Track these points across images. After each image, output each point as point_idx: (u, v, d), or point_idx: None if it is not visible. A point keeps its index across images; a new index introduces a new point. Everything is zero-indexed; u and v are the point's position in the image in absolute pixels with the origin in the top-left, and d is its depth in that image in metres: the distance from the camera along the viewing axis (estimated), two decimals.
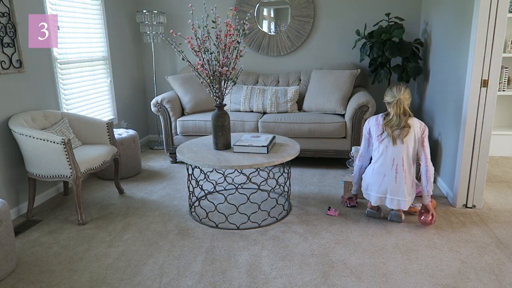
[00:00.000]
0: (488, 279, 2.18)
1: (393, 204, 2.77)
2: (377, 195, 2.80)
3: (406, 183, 2.73)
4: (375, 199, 2.81)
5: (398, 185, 2.73)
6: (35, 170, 2.91)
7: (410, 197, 2.76)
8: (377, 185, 2.78)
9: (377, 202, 2.82)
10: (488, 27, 2.72)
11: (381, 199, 2.80)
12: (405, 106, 2.74)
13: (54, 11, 3.49)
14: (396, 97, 2.73)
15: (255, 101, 4.27)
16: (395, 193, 2.74)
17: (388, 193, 2.76)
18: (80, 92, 3.89)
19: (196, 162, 2.71)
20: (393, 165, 2.74)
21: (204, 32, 2.79)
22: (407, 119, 2.73)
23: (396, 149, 2.74)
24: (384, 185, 2.76)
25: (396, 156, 2.73)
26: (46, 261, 2.45)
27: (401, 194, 2.73)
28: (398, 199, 2.74)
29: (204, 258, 2.44)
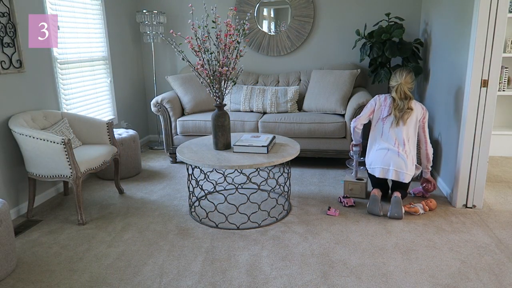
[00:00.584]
0: (488, 279, 2.18)
1: (394, 176, 2.94)
2: (381, 166, 2.98)
3: (408, 159, 2.94)
4: (379, 171, 2.99)
5: (400, 159, 2.94)
6: (35, 170, 2.91)
7: (411, 172, 2.96)
8: (381, 158, 2.99)
9: (381, 174, 2.98)
10: (488, 27, 2.72)
11: (384, 171, 2.97)
12: (406, 90, 2.97)
13: (54, 11, 3.49)
14: (398, 81, 2.99)
15: (255, 101, 4.27)
16: (397, 165, 2.94)
17: (391, 165, 2.95)
18: (80, 92, 3.89)
19: (196, 162, 2.71)
20: (395, 143, 2.99)
21: (204, 32, 2.79)
22: (409, 102, 2.96)
23: (398, 130, 2.99)
24: (387, 159, 2.97)
25: (398, 136, 2.98)
26: (46, 261, 2.45)
27: (403, 167, 2.93)
28: (399, 171, 2.93)
29: (204, 258, 2.44)
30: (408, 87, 2.99)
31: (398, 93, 2.97)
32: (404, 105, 2.96)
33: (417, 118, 3.00)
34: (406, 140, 2.98)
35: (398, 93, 2.97)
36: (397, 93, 2.97)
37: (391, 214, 2.90)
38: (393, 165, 2.94)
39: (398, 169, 2.93)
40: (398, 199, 2.88)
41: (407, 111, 2.96)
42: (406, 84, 2.98)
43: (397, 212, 2.88)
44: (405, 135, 2.98)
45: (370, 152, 3.11)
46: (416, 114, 3.00)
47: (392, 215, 2.89)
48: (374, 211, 2.96)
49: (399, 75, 3.00)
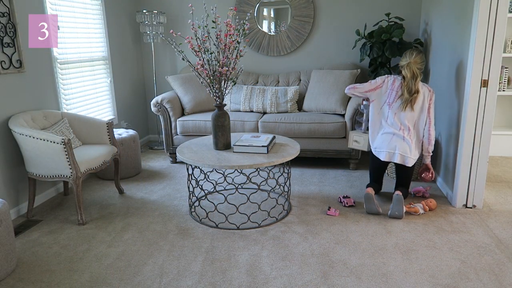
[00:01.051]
0: (488, 279, 2.18)
1: (399, 159, 2.96)
2: (386, 150, 3.00)
3: (413, 144, 2.99)
4: (385, 154, 3.01)
5: (405, 143, 2.97)
6: (35, 170, 2.91)
7: (415, 157, 2.99)
8: (387, 142, 3.01)
9: (386, 157, 3.00)
10: (488, 27, 2.72)
11: (389, 155, 2.99)
12: (415, 69, 2.94)
13: (54, 11, 3.49)
14: (408, 60, 2.98)
15: (255, 101, 4.27)
16: (402, 149, 2.96)
17: (396, 149, 2.97)
18: (80, 92, 3.89)
19: (196, 162, 2.71)
20: (400, 128, 3.01)
21: (204, 32, 2.79)
22: (416, 83, 2.94)
23: (403, 115, 3.00)
24: (393, 143, 2.99)
25: (402, 121, 3.00)
26: (46, 261, 2.45)
27: (408, 151, 2.96)
28: (404, 155, 2.95)
29: (204, 258, 2.44)
30: (417, 67, 2.96)
31: (409, 71, 2.94)
32: (412, 87, 2.93)
33: (423, 101, 2.98)
34: (411, 125, 2.99)
35: (409, 71, 2.94)
36: (408, 71, 2.94)
37: (391, 213, 2.90)
38: (399, 149, 2.96)
39: (403, 153, 2.95)
40: (400, 197, 2.88)
41: (414, 95, 2.94)
42: (416, 64, 2.96)
43: (398, 210, 2.88)
44: (410, 121, 2.99)
45: (376, 137, 3.12)
46: (423, 97, 2.98)
47: (393, 213, 2.89)
48: (372, 210, 2.96)
49: (409, 54, 2.99)
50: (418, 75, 2.95)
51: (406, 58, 3.00)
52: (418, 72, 2.95)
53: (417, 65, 2.96)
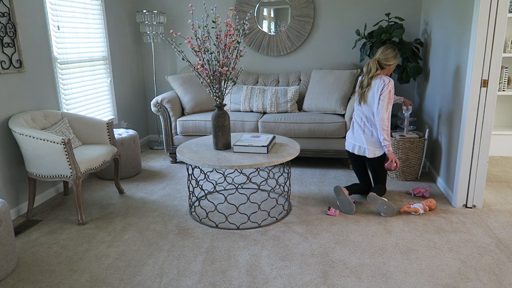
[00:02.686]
0: (488, 279, 2.18)
1: (360, 151, 3.08)
2: (350, 142, 3.16)
3: (373, 136, 3.03)
4: (349, 146, 3.17)
5: (364, 134, 3.06)
6: (35, 170, 2.91)
7: (373, 148, 3.04)
8: (351, 134, 3.17)
9: (350, 148, 3.17)
10: (488, 27, 2.72)
11: (352, 146, 3.14)
12: (371, 64, 2.98)
13: (54, 11, 3.49)
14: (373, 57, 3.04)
15: (255, 101, 4.27)
16: (360, 141, 3.07)
17: (356, 140, 3.10)
18: (80, 92, 3.89)
19: (196, 162, 2.71)
20: (361, 120, 3.08)
21: (204, 32, 2.79)
22: (368, 77, 2.99)
23: (361, 108, 3.07)
24: (355, 135, 3.12)
25: (362, 114, 3.07)
26: (46, 261, 2.45)
27: (365, 142, 3.04)
28: (363, 146, 3.06)
29: (204, 258, 2.44)
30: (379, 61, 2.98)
31: (366, 67, 3.03)
32: (365, 80, 3.00)
33: (375, 93, 2.97)
34: (369, 117, 3.03)
35: (366, 66, 3.03)
36: (365, 67, 3.04)
37: (379, 211, 2.96)
38: (358, 141, 3.08)
39: (361, 144, 3.06)
40: (372, 196, 2.96)
41: (366, 88, 3.00)
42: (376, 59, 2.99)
43: (381, 209, 2.93)
44: (367, 113, 3.03)
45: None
46: (376, 88, 2.96)
47: (381, 211, 2.95)
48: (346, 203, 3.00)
49: (378, 50, 3.05)
50: (372, 69, 2.98)
51: (376, 53, 3.08)
52: (373, 66, 2.97)
53: (378, 61, 2.98)
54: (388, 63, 2.99)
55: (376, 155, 3.03)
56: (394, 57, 2.99)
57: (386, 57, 2.98)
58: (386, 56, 2.98)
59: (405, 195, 3.33)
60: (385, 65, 2.99)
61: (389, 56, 2.98)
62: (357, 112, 3.12)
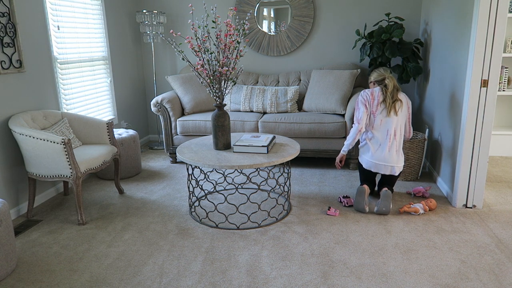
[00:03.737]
0: (488, 279, 2.18)
1: (386, 170, 3.01)
2: (370, 160, 3.04)
3: (397, 152, 3.01)
4: (368, 163, 3.06)
5: (390, 153, 3.00)
6: (35, 170, 2.91)
7: (402, 164, 3.04)
8: (372, 152, 3.05)
9: (369, 166, 3.06)
10: (488, 27, 2.72)
11: (375, 165, 3.03)
12: (395, 83, 3.01)
13: (54, 11, 3.49)
14: (385, 75, 3.04)
15: (255, 101, 4.27)
16: (389, 160, 3.00)
17: (382, 160, 3.01)
18: (80, 92, 3.89)
19: (196, 162, 2.71)
20: (387, 135, 3.00)
21: (204, 32, 2.79)
22: (397, 93, 3.00)
23: (390, 120, 2.99)
24: (378, 153, 3.02)
25: (390, 127, 2.99)
26: (46, 261, 2.45)
27: (397, 161, 3.00)
28: (391, 166, 3.00)
29: (204, 258, 2.44)
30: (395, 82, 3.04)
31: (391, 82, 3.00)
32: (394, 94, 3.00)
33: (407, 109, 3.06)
34: (397, 131, 3.01)
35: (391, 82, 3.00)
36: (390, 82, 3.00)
37: (378, 208, 2.93)
38: (384, 161, 3.01)
39: (388, 164, 3.01)
40: (388, 193, 2.93)
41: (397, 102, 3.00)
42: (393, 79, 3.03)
43: (385, 206, 2.92)
44: (397, 126, 3.01)
45: (362, 144, 3.16)
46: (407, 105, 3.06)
47: (380, 210, 2.93)
48: (360, 206, 2.99)
49: (384, 70, 3.08)
50: (399, 88, 3.02)
51: (381, 72, 3.07)
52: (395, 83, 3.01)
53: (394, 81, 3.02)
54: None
55: (400, 171, 3.06)
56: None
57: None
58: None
59: (405, 195, 3.33)
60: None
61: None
62: (380, 125, 3.01)
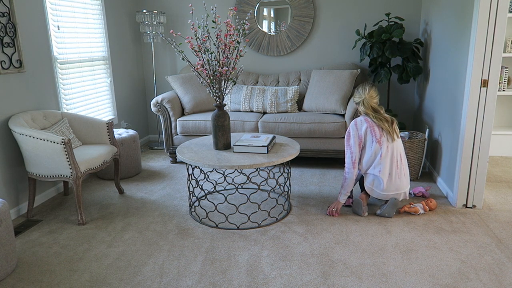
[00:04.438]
0: (488, 279, 2.18)
1: (400, 197, 2.92)
2: (383, 193, 2.89)
3: (405, 175, 2.92)
4: (381, 196, 2.92)
5: (401, 179, 2.89)
6: (35, 170, 2.91)
7: (409, 185, 2.99)
8: (383, 186, 2.87)
9: (382, 197, 2.93)
10: (488, 27, 2.72)
11: (390, 197, 2.91)
12: (372, 104, 2.88)
13: (54, 11, 3.49)
14: (362, 96, 2.90)
15: (255, 101, 4.27)
16: (400, 187, 2.90)
17: (395, 190, 2.89)
18: (80, 92, 3.89)
19: (196, 162, 2.71)
20: (393, 162, 2.87)
21: (204, 32, 2.79)
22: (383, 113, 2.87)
23: (394, 145, 2.87)
24: (390, 185, 2.87)
25: (395, 151, 2.87)
26: (46, 261, 2.45)
27: (405, 187, 2.92)
28: (404, 192, 2.93)
29: (204, 258, 2.44)
30: (374, 101, 2.89)
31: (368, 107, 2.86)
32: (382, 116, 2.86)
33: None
34: (402, 153, 2.92)
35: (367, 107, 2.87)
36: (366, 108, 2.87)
37: (382, 212, 2.93)
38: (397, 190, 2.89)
39: (402, 191, 2.91)
40: (397, 202, 2.91)
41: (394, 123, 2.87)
42: (371, 99, 2.88)
43: (389, 212, 2.91)
44: (401, 148, 2.92)
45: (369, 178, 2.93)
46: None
47: (383, 214, 2.92)
48: (358, 213, 2.99)
49: (362, 89, 2.91)
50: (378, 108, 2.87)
51: (359, 94, 2.91)
52: (376, 106, 2.87)
53: (373, 100, 2.88)
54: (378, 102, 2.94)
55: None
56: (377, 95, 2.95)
57: (376, 95, 2.93)
58: (376, 93, 2.93)
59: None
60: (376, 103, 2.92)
61: (377, 93, 2.93)
62: (389, 152, 2.83)
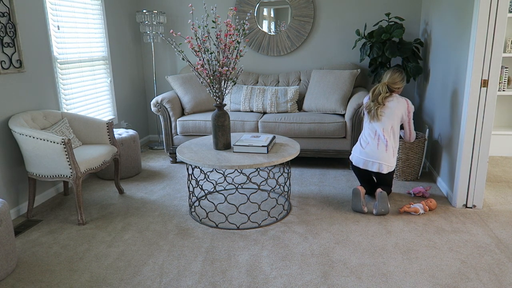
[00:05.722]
0: (488, 279, 2.18)
1: (373, 167, 3.04)
2: (359, 156, 3.10)
3: (387, 150, 3.02)
4: (357, 159, 3.12)
5: (379, 150, 3.03)
6: (35, 170, 2.91)
7: (388, 163, 3.04)
8: (360, 149, 3.12)
9: (357, 162, 3.12)
10: (488, 27, 2.72)
11: (363, 162, 3.08)
12: (381, 89, 3.05)
13: (54, 11, 3.49)
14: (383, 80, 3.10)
15: (255, 101, 4.27)
16: (376, 157, 3.03)
17: (369, 156, 3.05)
18: (80, 92, 3.89)
19: (196, 162, 2.71)
20: (374, 135, 3.06)
21: (204, 32, 2.79)
22: (383, 98, 3.04)
23: (374, 124, 3.07)
24: (366, 150, 3.07)
25: (377, 129, 3.06)
26: (46, 261, 2.45)
27: (380, 158, 3.02)
28: (379, 163, 3.02)
29: (204, 258, 2.44)
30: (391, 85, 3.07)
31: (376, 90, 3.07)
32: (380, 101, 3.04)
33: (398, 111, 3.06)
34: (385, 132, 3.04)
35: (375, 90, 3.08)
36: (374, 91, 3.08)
37: (378, 210, 2.93)
38: (372, 158, 3.05)
39: (376, 161, 3.04)
40: (384, 194, 2.94)
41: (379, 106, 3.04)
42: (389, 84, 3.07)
43: (384, 207, 2.92)
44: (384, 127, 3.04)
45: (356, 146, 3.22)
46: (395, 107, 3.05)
47: (379, 211, 2.93)
48: (357, 207, 3.00)
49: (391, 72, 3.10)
50: (382, 92, 3.05)
51: (384, 77, 3.13)
52: (383, 89, 3.04)
53: (388, 85, 3.07)
54: (396, 86, 3.07)
55: (390, 169, 3.06)
56: (402, 80, 3.08)
57: (394, 81, 3.06)
58: (394, 80, 3.06)
59: (405, 195, 3.33)
60: (393, 88, 3.07)
61: (396, 80, 3.06)
62: (367, 130, 3.12)
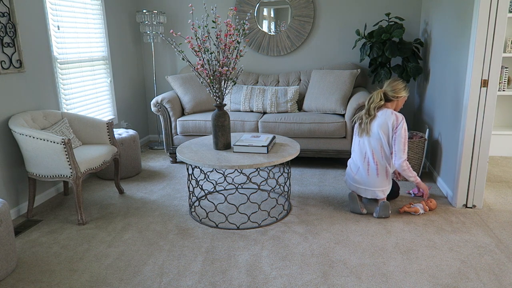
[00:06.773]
0: (488, 279, 2.18)
1: (367, 194, 2.91)
2: (352, 183, 2.98)
3: (379, 175, 2.86)
4: (351, 186, 3.00)
5: (369, 177, 2.88)
6: (35, 170, 2.91)
7: (381, 188, 2.88)
8: (352, 176, 2.98)
9: (352, 188, 3.00)
10: (488, 27, 2.72)
11: (357, 189, 2.96)
12: (375, 96, 2.86)
13: (54, 11, 3.49)
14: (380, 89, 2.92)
15: (255, 101, 4.27)
16: (368, 184, 2.89)
17: (362, 184, 2.92)
18: (80, 92, 3.89)
19: (196, 162, 2.71)
20: (364, 158, 2.90)
21: (204, 32, 2.79)
22: (374, 108, 2.85)
23: (363, 141, 2.89)
24: (358, 177, 2.93)
25: (367, 149, 2.88)
26: (46, 261, 2.45)
27: (371, 185, 2.88)
28: (372, 190, 2.89)
29: (204, 258, 2.44)
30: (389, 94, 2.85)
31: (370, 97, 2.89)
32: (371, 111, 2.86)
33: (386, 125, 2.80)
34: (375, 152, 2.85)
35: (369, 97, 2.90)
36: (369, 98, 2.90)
37: (378, 215, 2.92)
38: (364, 184, 2.91)
39: (369, 188, 2.89)
40: (386, 204, 2.88)
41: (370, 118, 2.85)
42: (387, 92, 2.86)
43: (385, 214, 2.90)
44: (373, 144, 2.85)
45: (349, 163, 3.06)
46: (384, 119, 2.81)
47: (379, 216, 2.91)
48: (356, 210, 2.98)
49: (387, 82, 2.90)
50: (375, 98, 2.83)
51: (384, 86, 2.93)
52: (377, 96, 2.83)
53: (384, 93, 2.86)
54: (397, 95, 2.83)
55: (386, 193, 2.90)
56: (403, 89, 2.85)
57: (393, 89, 2.83)
58: (394, 88, 2.83)
59: (405, 195, 3.33)
60: (392, 97, 2.84)
61: (396, 88, 2.83)
62: (357, 147, 2.92)
